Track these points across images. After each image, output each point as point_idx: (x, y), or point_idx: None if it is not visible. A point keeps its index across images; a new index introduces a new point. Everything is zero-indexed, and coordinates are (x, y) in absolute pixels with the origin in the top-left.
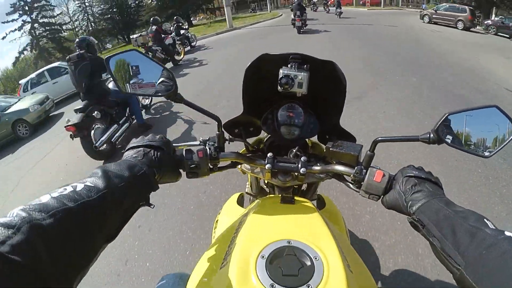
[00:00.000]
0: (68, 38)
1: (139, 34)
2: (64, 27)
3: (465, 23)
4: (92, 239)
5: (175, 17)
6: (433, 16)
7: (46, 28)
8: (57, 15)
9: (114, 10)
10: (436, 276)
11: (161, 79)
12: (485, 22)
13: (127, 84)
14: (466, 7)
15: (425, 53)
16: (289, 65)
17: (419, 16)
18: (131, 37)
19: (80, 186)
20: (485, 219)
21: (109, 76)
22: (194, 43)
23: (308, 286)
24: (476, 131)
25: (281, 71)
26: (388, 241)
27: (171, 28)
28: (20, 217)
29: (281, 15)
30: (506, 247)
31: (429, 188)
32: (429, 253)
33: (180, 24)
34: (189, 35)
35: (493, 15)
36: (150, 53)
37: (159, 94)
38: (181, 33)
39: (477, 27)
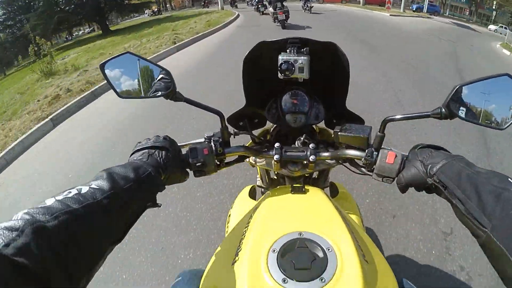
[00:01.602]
0: None
1: None
2: None
3: None
4: (97, 240)
5: None
6: None
7: None
8: None
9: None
10: None
11: (160, 76)
12: None
13: (124, 88)
14: None
15: None
16: (288, 50)
17: None
18: None
19: (85, 189)
20: (509, 179)
21: None
22: None
23: (322, 279)
24: (489, 102)
25: (280, 57)
26: None
27: None
28: (24, 220)
29: (236, 17)
30: None
31: (446, 153)
32: None
33: None
34: None
35: None
36: None
37: (159, 94)
38: None
39: None
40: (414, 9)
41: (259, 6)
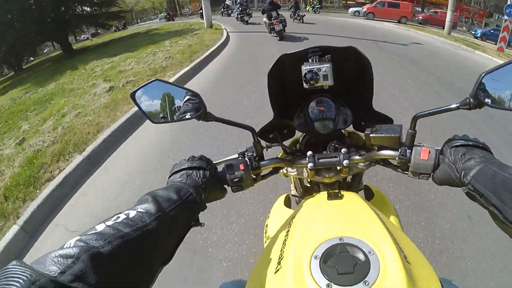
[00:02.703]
0: None
1: None
2: None
3: None
4: (149, 263)
5: None
6: None
7: None
8: None
9: None
10: None
11: (190, 98)
12: None
13: (156, 114)
14: None
15: None
16: (310, 60)
17: None
18: None
19: (132, 213)
20: None
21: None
22: None
23: (365, 283)
24: None
25: (303, 67)
26: None
27: None
28: (79, 247)
29: (224, 42)
30: None
31: (480, 154)
32: None
33: None
34: None
35: None
36: None
37: (190, 116)
38: None
39: None
40: (477, 35)
41: (243, 15)
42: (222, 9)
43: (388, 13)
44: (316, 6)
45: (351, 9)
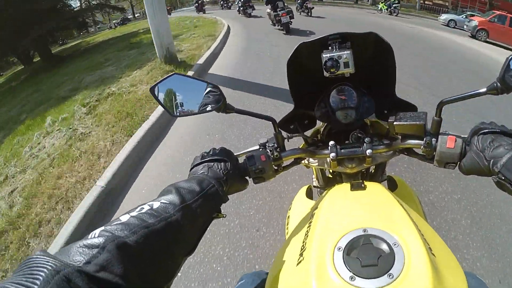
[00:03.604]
0: None
1: None
2: None
3: None
4: (173, 253)
5: None
6: None
7: None
8: None
9: None
10: None
11: (209, 90)
12: None
13: (176, 108)
14: None
15: None
16: (329, 48)
17: None
18: None
19: (156, 204)
20: None
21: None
22: None
23: (389, 275)
24: None
25: (323, 55)
26: None
27: None
28: (104, 237)
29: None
30: None
31: (508, 141)
32: None
33: None
34: None
35: None
36: None
37: (210, 108)
38: None
39: None
40: None
41: (246, 7)
42: (221, 1)
43: (509, 36)
44: (394, 5)
45: (444, 16)
